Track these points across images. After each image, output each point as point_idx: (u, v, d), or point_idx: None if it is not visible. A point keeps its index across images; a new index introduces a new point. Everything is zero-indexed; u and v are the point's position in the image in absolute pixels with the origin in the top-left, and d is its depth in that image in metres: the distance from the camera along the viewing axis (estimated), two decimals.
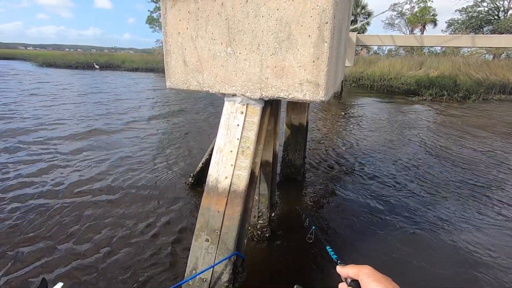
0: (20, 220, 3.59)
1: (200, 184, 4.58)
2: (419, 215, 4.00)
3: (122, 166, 5.37)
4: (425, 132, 8.69)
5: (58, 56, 35.27)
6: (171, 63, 2.16)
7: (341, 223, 3.80)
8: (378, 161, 6.11)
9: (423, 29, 33.26)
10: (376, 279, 0.62)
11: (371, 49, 33.76)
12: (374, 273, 0.64)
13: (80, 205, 3.99)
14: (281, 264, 3.00)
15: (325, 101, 1.83)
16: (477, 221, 3.89)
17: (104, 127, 8.08)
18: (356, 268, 0.67)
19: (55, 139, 6.78)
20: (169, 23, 2.06)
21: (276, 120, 2.84)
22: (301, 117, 4.67)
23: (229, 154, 2.10)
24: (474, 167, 5.82)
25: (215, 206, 2.11)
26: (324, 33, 1.66)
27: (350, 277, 0.68)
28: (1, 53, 49.85)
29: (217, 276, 2.10)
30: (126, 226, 3.56)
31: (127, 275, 2.77)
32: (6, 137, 6.73)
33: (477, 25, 28.72)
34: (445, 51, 25.92)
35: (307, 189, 4.76)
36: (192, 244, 2.18)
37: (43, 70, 27.56)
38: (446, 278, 2.88)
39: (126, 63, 31.62)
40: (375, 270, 0.65)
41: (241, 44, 1.86)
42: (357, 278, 0.66)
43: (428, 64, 20.40)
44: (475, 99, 15.02)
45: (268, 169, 3.03)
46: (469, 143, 7.52)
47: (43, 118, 8.73)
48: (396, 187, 4.87)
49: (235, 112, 2.10)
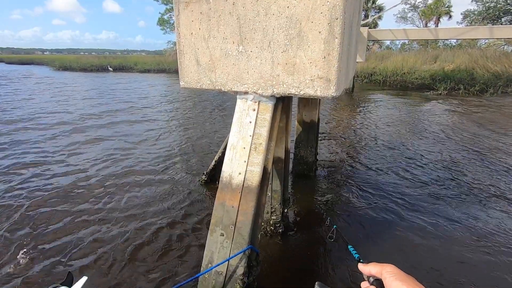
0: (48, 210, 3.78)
1: (213, 181, 4.67)
2: (439, 213, 3.91)
3: (135, 167, 5.52)
4: (439, 127, 8.48)
5: (73, 60, 36.34)
6: (184, 63, 2.22)
7: (357, 219, 3.79)
8: (392, 157, 6.02)
9: (438, 22, 32.30)
10: (399, 278, 0.60)
11: (383, 44, 33.08)
12: (398, 272, 0.62)
13: (86, 195, 4.15)
14: (294, 259, 3.04)
15: (336, 96, 1.84)
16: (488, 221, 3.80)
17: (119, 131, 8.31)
18: (379, 266, 0.66)
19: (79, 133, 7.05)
20: (182, 24, 2.12)
21: (288, 117, 2.86)
22: (313, 113, 4.67)
23: (242, 150, 2.14)
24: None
25: (230, 202, 2.16)
26: (334, 29, 1.67)
27: (373, 275, 0.67)
28: (20, 59, 51.88)
29: (232, 270, 2.15)
30: (142, 223, 3.67)
31: (146, 268, 2.88)
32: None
33: (495, 15, 27.59)
34: (461, 43, 25.12)
35: (320, 186, 4.76)
36: (207, 239, 2.24)
37: (60, 74, 28.43)
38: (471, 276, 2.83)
39: (138, 65, 32.24)
40: (398, 269, 0.63)
41: (252, 42, 1.90)
42: (380, 276, 0.65)
43: (443, 58, 19.81)
44: (493, 92, 14.51)
45: (280, 165, 3.06)
46: (490, 140, 7.30)
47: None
48: (412, 183, 4.80)
49: (247, 109, 2.14)
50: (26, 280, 2.74)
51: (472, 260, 3.02)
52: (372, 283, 0.66)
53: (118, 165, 5.53)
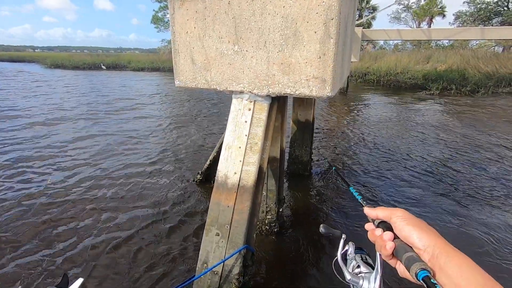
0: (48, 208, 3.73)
1: (209, 181, 4.65)
2: (432, 211, 3.99)
3: (128, 165, 5.47)
4: (430, 126, 8.60)
5: (65, 58, 35.73)
6: (179, 62, 2.21)
7: (352, 217, 3.82)
8: (385, 156, 6.08)
9: (431, 22, 32.70)
10: (411, 222, 0.56)
11: (377, 44, 33.35)
12: (409, 216, 0.58)
13: (83, 202, 4.10)
14: (289, 257, 3.05)
15: (331, 96, 1.85)
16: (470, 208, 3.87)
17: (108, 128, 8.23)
18: (388, 211, 0.62)
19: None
20: (177, 23, 2.10)
21: (283, 117, 2.87)
22: (308, 113, 4.69)
23: (237, 150, 2.14)
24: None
25: (225, 201, 2.16)
26: (330, 29, 1.68)
27: (380, 219, 0.64)
28: (11, 56, 50.87)
29: (228, 269, 2.16)
30: (135, 223, 3.64)
31: (139, 270, 2.85)
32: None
33: (486, 16, 28.08)
34: (453, 44, 25.50)
35: (315, 185, 4.79)
36: (203, 239, 2.24)
37: (52, 71, 27.98)
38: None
39: (132, 63, 31.88)
40: (409, 213, 0.59)
41: (248, 42, 1.90)
42: (388, 220, 0.61)
43: (435, 58, 20.11)
44: (484, 92, 14.75)
45: (275, 165, 3.07)
46: (477, 136, 7.44)
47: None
48: (406, 181, 4.86)
49: (242, 109, 2.14)
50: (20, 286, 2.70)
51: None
52: (378, 225, 0.63)
53: (108, 164, 5.47)
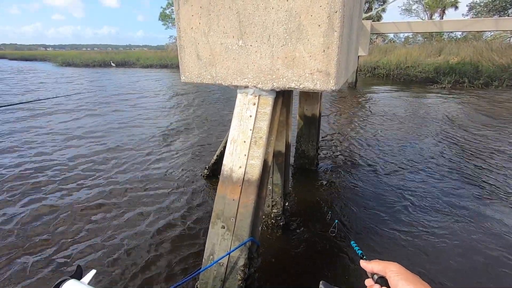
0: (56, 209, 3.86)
1: (215, 176, 4.71)
2: (443, 208, 3.91)
3: (136, 161, 5.58)
4: (442, 121, 8.43)
5: (76, 56, 36.40)
6: (185, 57, 2.23)
7: (358, 214, 3.80)
8: (394, 152, 6.01)
9: (443, 14, 31.79)
10: (405, 277, 0.59)
11: (386, 37, 32.67)
12: (403, 271, 0.61)
13: (97, 196, 4.21)
14: (295, 251, 3.08)
15: (335, 90, 1.85)
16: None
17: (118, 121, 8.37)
18: (382, 264, 0.64)
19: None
20: (182, 19, 2.12)
21: (288, 111, 2.87)
22: (314, 107, 4.67)
23: (242, 144, 2.17)
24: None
25: (230, 195, 2.19)
26: (334, 22, 1.67)
27: (375, 273, 0.66)
28: (23, 54, 52.08)
29: (233, 261, 2.20)
30: (144, 216, 3.73)
31: (148, 261, 2.93)
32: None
33: (501, 7, 27.06)
34: (466, 36, 24.74)
35: (321, 180, 4.78)
36: (209, 231, 2.28)
37: (64, 69, 28.52)
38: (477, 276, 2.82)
39: (141, 60, 32.21)
40: (403, 268, 0.62)
41: (252, 36, 1.91)
42: (383, 274, 0.64)
43: (447, 51, 19.57)
44: (498, 85, 14.34)
45: (281, 159, 3.08)
46: (490, 133, 7.26)
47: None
48: (416, 178, 4.80)
49: (247, 103, 2.15)
50: (36, 276, 2.82)
51: (480, 261, 3.02)
52: (377, 281, 0.65)
53: (115, 159, 5.59)
